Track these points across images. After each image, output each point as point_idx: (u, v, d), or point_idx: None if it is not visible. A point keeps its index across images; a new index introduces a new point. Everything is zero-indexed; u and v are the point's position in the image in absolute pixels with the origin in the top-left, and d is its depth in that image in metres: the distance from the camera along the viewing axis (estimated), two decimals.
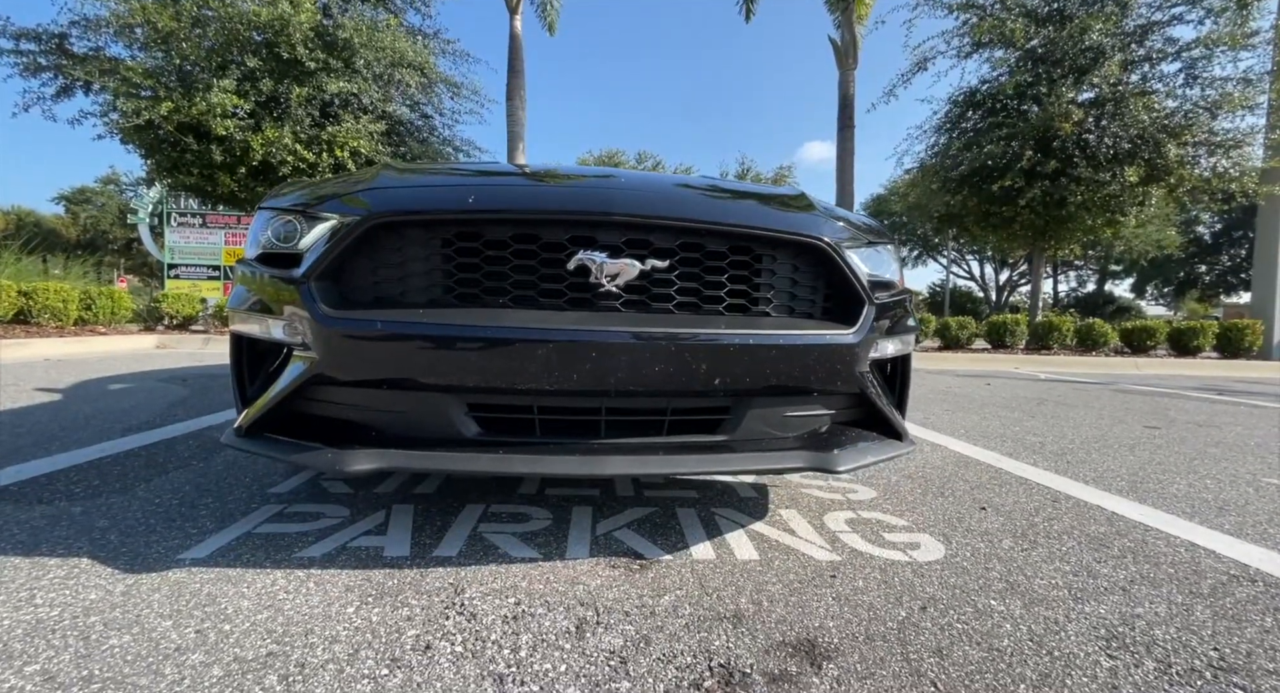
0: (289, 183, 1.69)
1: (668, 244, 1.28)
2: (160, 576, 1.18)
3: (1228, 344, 8.53)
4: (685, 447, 1.29)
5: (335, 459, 1.19)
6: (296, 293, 1.22)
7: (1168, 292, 46.61)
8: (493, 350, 1.18)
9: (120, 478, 1.79)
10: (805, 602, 1.14)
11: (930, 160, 8.85)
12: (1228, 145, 7.82)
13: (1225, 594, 1.24)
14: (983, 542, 1.49)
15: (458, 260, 1.26)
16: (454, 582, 1.19)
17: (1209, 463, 2.45)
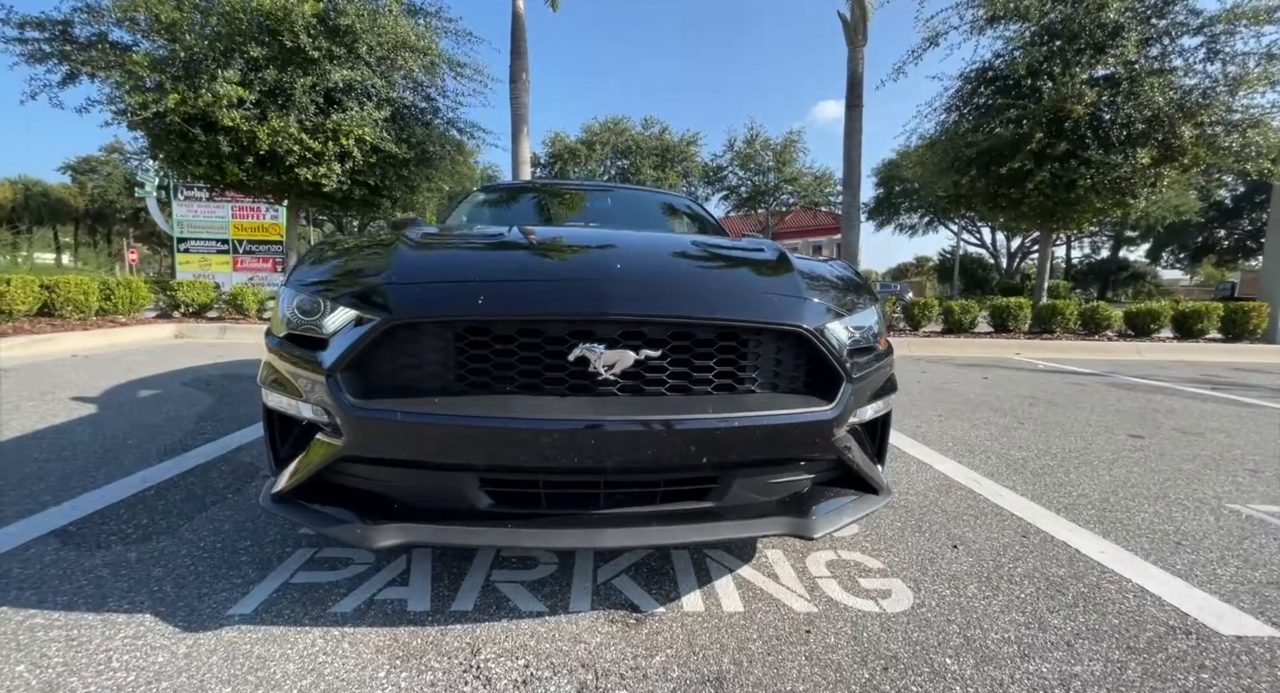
0: (310, 252, 1.79)
1: (659, 335, 1.38)
2: (215, 635, 1.35)
3: (1232, 327, 8.53)
4: (675, 516, 1.42)
5: (363, 535, 1.34)
6: (325, 384, 1.35)
7: (1183, 257, 45.88)
8: (502, 435, 1.31)
9: (165, 515, 1.96)
10: (781, 663, 1.30)
11: (940, 139, 8.70)
12: (1245, 125, 7.65)
13: (1159, 649, 1.38)
14: (949, 588, 1.63)
15: (470, 352, 1.37)
16: (470, 641, 1.35)
17: (1181, 484, 2.57)
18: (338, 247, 1.85)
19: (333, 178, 7.35)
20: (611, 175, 26.67)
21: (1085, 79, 7.21)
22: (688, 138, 26.00)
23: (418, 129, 7.96)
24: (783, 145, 25.79)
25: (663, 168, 25.55)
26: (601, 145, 25.15)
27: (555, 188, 3.90)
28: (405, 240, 1.75)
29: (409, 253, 1.60)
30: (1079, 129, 7.52)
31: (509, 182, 3.89)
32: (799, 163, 26.16)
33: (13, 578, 1.55)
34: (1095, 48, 7.56)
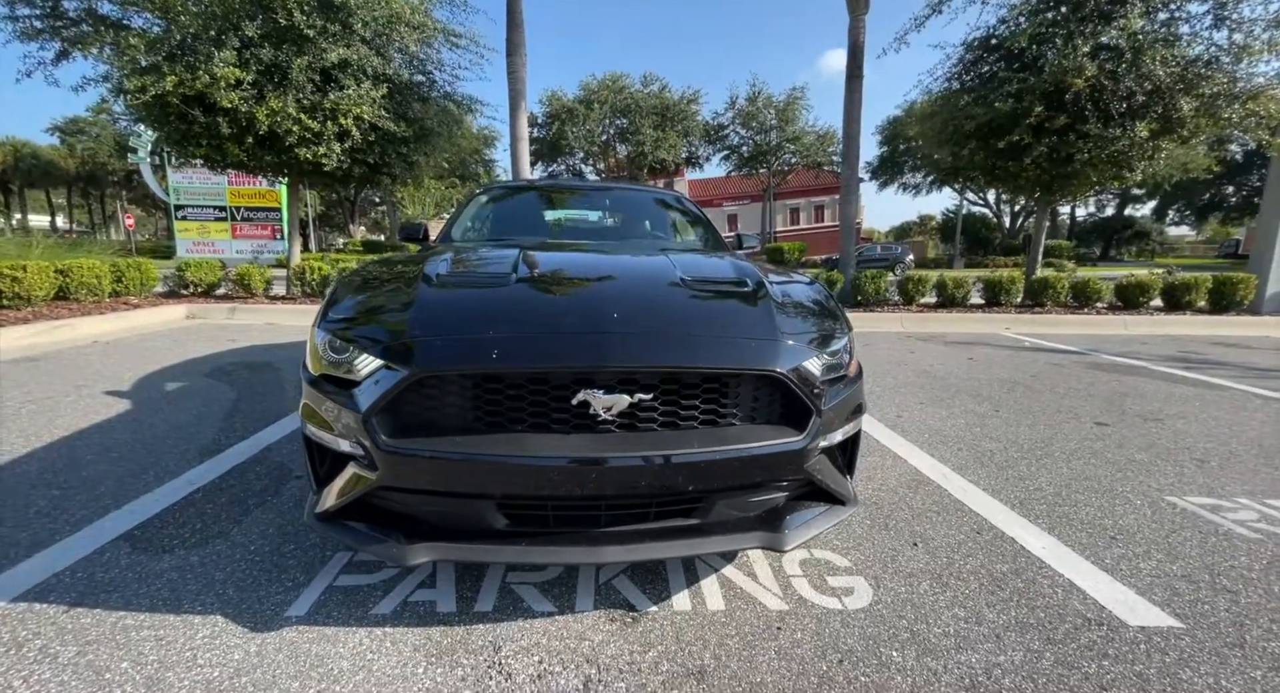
0: (341, 286, 1.98)
1: (651, 381, 1.58)
2: (278, 635, 1.60)
3: (1220, 298, 8.68)
4: (665, 533, 1.65)
5: (399, 553, 1.57)
6: (362, 425, 1.55)
7: (1189, 214, 45.51)
8: (517, 469, 1.52)
9: (215, 519, 2.21)
10: (754, 657, 1.56)
11: (941, 110, 8.63)
12: (1245, 96, 7.59)
13: (1073, 640, 1.64)
14: (905, 586, 1.89)
15: (486, 397, 1.58)
16: (492, 640, 1.61)
17: (1131, 476, 2.82)
18: (365, 279, 2.04)
19: (332, 157, 7.37)
20: (610, 135, 26.23)
21: (1087, 51, 7.11)
22: (688, 96, 25.43)
23: (415, 105, 7.91)
24: (785, 103, 25.26)
25: (662, 127, 25.10)
26: (600, 104, 24.63)
27: (555, 190, 4.01)
28: (425, 278, 1.94)
29: (429, 296, 1.79)
30: (1079, 102, 7.47)
31: (509, 182, 3.98)
32: (801, 121, 25.68)
33: (98, 582, 1.81)
34: (1101, 16, 7.43)
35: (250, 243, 23.15)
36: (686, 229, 3.51)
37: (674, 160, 26.05)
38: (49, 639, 1.55)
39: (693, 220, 3.60)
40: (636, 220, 3.58)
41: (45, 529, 2.11)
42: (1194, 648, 1.61)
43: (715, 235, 3.37)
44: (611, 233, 3.42)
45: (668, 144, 24.91)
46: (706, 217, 3.63)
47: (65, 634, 1.57)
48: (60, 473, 2.59)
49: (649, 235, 3.45)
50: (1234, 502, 2.57)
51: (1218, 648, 1.62)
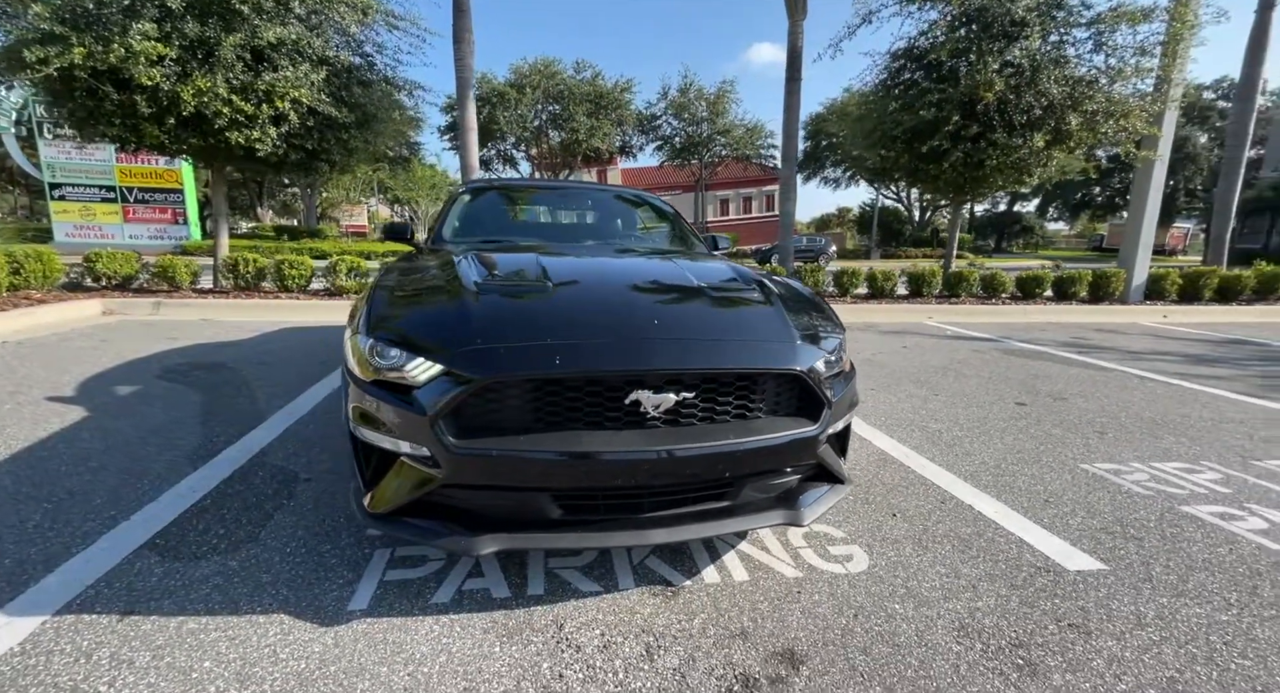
0: (379, 298, 2.04)
1: (694, 381, 1.79)
2: (349, 627, 1.69)
3: (1097, 290, 9.93)
4: (701, 515, 1.87)
5: (468, 545, 1.70)
6: (429, 429, 1.66)
7: (1065, 212, 50.86)
8: (574, 464, 1.68)
9: (236, 524, 2.21)
10: (784, 617, 1.81)
11: (870, 115, 9.27)
12: (1118, 114, 8.67)
13: (1030, 585, 2.01)
14: (893, 550, 2.21)
15: (546, 399, 1.73)
16: (554, 618, 1.78)
17: (1050, 448, 3.33)
18: (401, 285, 2.12)
19: (267, 142, 6.95)
20: (543, 121, 25.81)
21: (996, 67, 7.89)
22: (621, 85, 25.40)
23: (356, 89, 7.58)
24: (716, 96, 25.80)
25: (596, 115, 24.98)
26: (532, 89, 24.14)
27: (540, 190, 4.09)
28: (466, 285, 2.04)
29: (481, 304, 1.90)
30: (988, 113, 8.28)
31: (492, 180, 4.00)
32: (732, 114, 26.35)
33: (142, 591, 1.80)
34: (1005, 36, 8.24)
35: (146, 228, 21.12)
36: (669, 232, 3.71)
37: (608, 149, 26.05)
38: (116, 647, 1.57)
39: (673, 224, 3.81)
40: (624, 223, 3.74)
41: (55, 543, 2.04)
42: (1117, 584, 2.02)
43: (697, 237, 3.59)
44: (603, 235, 3.56)
45: (602, 132, 24.85)
46: (685, 220, 3.85)
47: (131, 641, 1.59)
48: (40, 486, 2.46)
49: (638, 238, 3.62)
50: (1130, 466, 3.11)
51: (1134, 583, 2.04)
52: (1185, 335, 8.10)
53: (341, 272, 7.72)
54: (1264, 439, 3.62)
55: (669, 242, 3.56)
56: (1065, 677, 1.58)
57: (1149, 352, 6.65)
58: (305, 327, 6.59)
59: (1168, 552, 2.25)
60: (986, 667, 1.62)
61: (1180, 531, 2.42)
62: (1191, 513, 2.58)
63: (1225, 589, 2.01)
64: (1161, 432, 3.70)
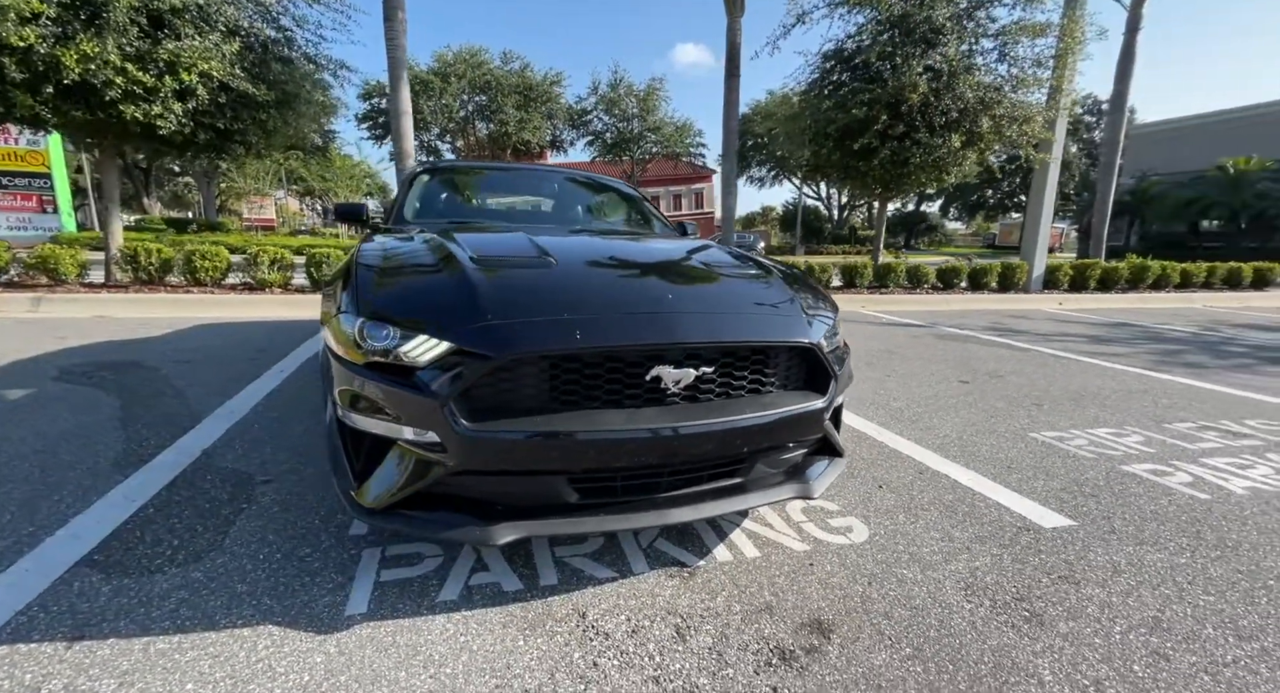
0: (369, 276, 1.85)
1: (713, 356, 1.75)
2: (351, 633, 1.53)
3: (1005, 281, 10.84)
4: (718, 492, 1.84)
5: (484, 534, 1.58)
6: (439, 412, 1.53)
7: (963, 212, 55.42)
8: (596, 444, 1.60)
9: (191, 533, 1.96)
10: (803, 589, 1.82)
11: (804, 113, 9.61)
12: (1020, 119, 9.46)
13: (1016, 543, 2.13)
14: (889, 519, 2.27)
15: (563, 377, 1.63)
16: (575, 607, 1.69)
17: (999, 420, 3.56)
18: (388, 262, 1.94)
19: (171, 119, 6.26)
20: (469, 112, 24.98)
21: (920, 71, 8.39)
22: (551, 77, 25.00)
23: (275, 66, 6.98)
24: (646, 92, 25.90)
25: (525, 108, 24.44)
26: (457, 78, 23.27)
27: (502, 171, 3.91)
28: (461, 260, 1.89)
29: (487, 279, 1.77)
30: (912, 114, 8.79)
31: (452, 162, 3.77)
32: (661, 111, 26.54)
33: (88, 613, 1.55)
34: (925, 41, 8.77)
35: (7, 217, 18.59)
36: (641, 217, 3.65)
37: (538, 143, 25.56)
38: (71, 677, 1.34)
39: (642, 209, 3.75)
40: (594, 207, 3.64)
41: None
42: (1089, 538, 2.18)
43: (666, 224, 3.56)
44: (575, 218, 3.45)
45: (532, 125, 24.34)
46: (653, 205, 3.80)
47: (89, 669, 1.36)
48: None
49: (612, 222, 3.54)
50: (1069, 433, 3.38)
51: (1101, 536, 2.20)
52: (1080, 319, 8.96)
53: (264, 264, 7.10)
54: (1167, 406, 4.04)
55: (643, 226, 3.50)
56: (1069, 625, 1.68)
57: (1056, 334, 7.30)
58: (227, 323, 6.00)
59: (1121, 506, 2.45)
60: (999, 621, 1.69)
61: (1125, 487, 2.64)
62: (1130, 471, 2.83)
63: (1175, 535, 2.22)
64: (1086, 403, 4.05)
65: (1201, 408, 4.02)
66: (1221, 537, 2.22)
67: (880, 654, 1.53)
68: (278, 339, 5.18)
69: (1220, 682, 1.47)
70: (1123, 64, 13.86)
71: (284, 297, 6.97)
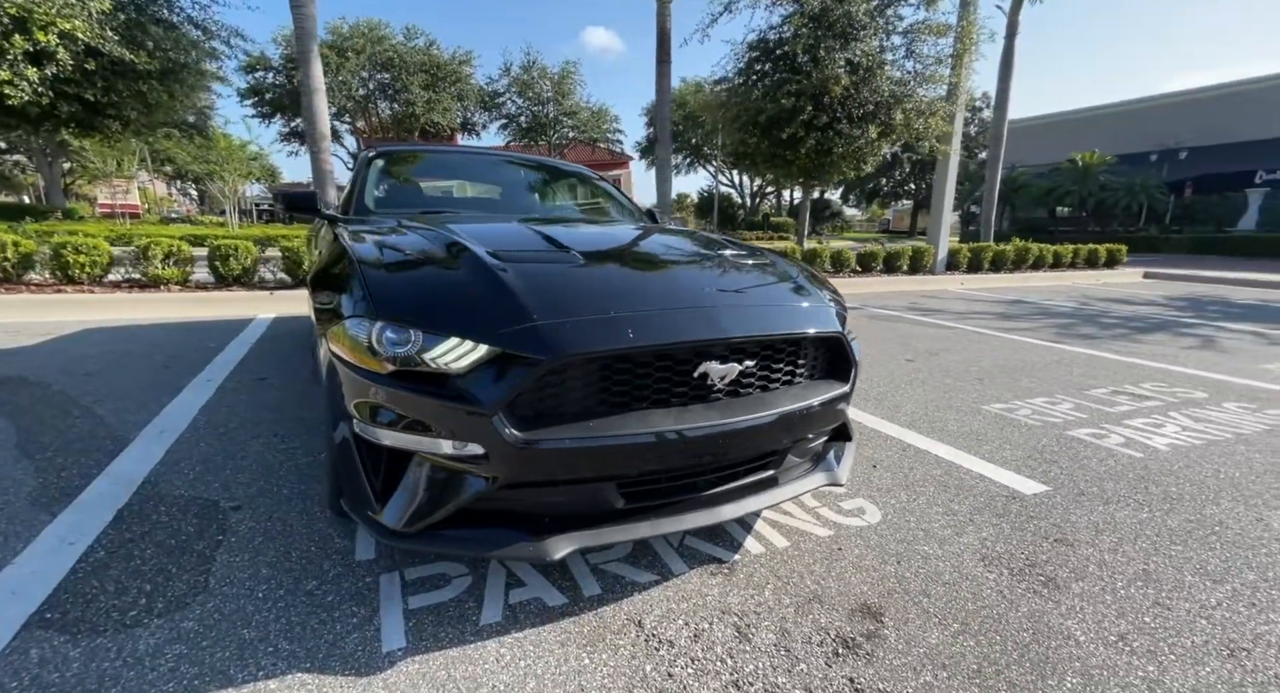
0: (375, 274, 1.64)
1: (754, 349, 1.73)
2: (398, 670, 1.38)
3: (915, 264, 11.67)
4: (756, 486, 1.84)
5: (538, 550, 1.48)
6: (486, 421, 1.40)
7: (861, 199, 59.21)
8: (651, 446, 1.53)
9: (166, 575, 1.69)
10: (841, 574, 1.85)
11: (733, 101, 9.77)
12: (926, 113, 10.16)
13: (1008, 511, 2.29)
14: (892, 498, 2.37)
15: (613, 377, 1.55)
16: (629, 616, 1.62)
17: (953, 395, 3.82)
18: (401, 265, 1.75)
19: (24, 87, 5.35)
20: (370, 90, 23.29)
21: (842, 64, 8.77)
22: (460, 56, 23.79)
23: (154, 28, 6.11)
24: (560, 76, 25.31)
25: (434, 88, 23.13)
26: (356, 53, 21.58)
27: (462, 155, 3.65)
28: (478, 256, 1.74)
29: (514, 279, 1.63)
30: (834, 106, 9.18)
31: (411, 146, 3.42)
32: (577, 96, 26.07)
33: (59, 685, 1.29)
34: (845, 37, 9.17)
35: None
36: (614, 205, 3.54)
37: (449, 125, 24.31)
38: None
39: (613, 197, 3.64)
40: (567, 195, 3.48)
41: None
42: (1065, 501, 2.38)
43: (641, 210, 3.48)
44: (549, 207, 3.29)
45: (441, 106, 23.09)
46: (623, 193, 3.70)
47: None
48: None
49: (591, 211, 3.40)
50: (1013, 404, 3.68)
51: (1074, 498, 2.41)
52: (983, 298, 9.81)
53: (156, 258, 6.25)
54: (1080, 375, 4.51)
55: (626, 214, 3.40)
56: (1079, 585, 1.82)
57: (969, 312, 7.95)
58: (120, 326, 5.25)
59: (1079, 469, 2.70)
60: (1021, 588, 1.80)
61: (1076, 451, 2.92)
62: (1074, 436, 3.13)
63: (1130, 493, 2.47)
64: (1017, 375, 4.43)
65: (1106, 375, 4.51)
66: (1165, 490, 2.50)
67: (933, 633, 1.59)
68: (191, 343, 4.60)
69: (1215, 624, 1.65)
70: (1004, 66, 15.19)
71: (186, 294, 6.19)
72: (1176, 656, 1.52)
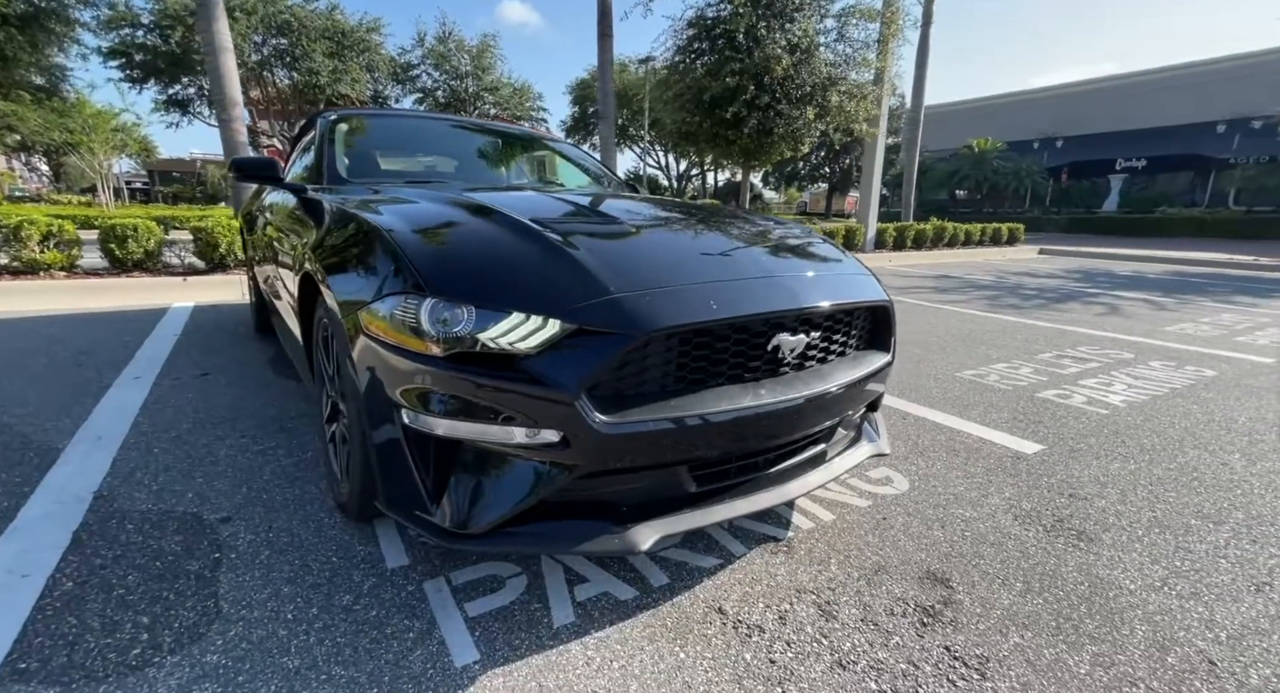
0: (414, 247, 1.42)
1: (820, 320, 1.66)
2: (481, 685, 1.23)
3: (848, 242, 12.17)
4: (813, 460, 1.79)
5: (624, 542, 1.36)
6: (569, 404, 1.25)
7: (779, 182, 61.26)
8: (729, 423, 1.44)
9: (165, 606, 1.42)
10: (897, 543, 1.85)
11: (674, 78, 9.66)
12: (858, 97, 10.52)
13: (1019, 471, 2.38)
14: (912, 465, 2.41)
15: (694, 353, 1.43)
16: (707, 603, 1.54)
17: (925, 365, 3.97)
18: (433, 232, 1.54)
19: None
20: (265, 56, 21.15)
21: (784, 44, 8.86)
22: (368, 23, 22.06)
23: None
24: (479, 49, 24.12)
25: (340, 56, 21.35)
26: (245, 13, 19.45)
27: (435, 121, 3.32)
28: (531, 229, 1.56)
29: (576, 250, 1.47)
30: (774, 85, 9.29)
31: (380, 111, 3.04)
32: (498, 71, 24.97)
33: None
34: (783, 17, 9.26)
35: None
36: (606, 178, 3.35)
37: (358, 98, 22.57)
38: None
39: (601, 168, 3.45)
40: (557, 168, 3.26)
41: None
42: (1064, 458, 2.52)
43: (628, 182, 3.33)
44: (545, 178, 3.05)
45: (349, 78, 21.37)
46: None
47: None
48: None
49: (583, 180, 3.19)
50: (981, 370, 3.88)
51: (1069, 454, 2.55)
52: (915, 274, 10.38)
53: (32, 240, 5.35)
54: (1025, 341, 4.84)
55: (620, 187, 3.23)
56: (1109, 535, 1.92)
57: (909, 287, 8.37)
58: (4, 319, 4.48)
59: (1061, 428, 2.87)
60: (1061, 543, 1.87)
61: (1052, 412, 3.10)
62: (1044, 398, 3.34)
63: (1112, 447, 2.65)
64: (973, 344, 4.69)
65: (1045, 341, 4.87)
66: (1140, 443, 2.70)
67: (1002, 594, 1.61)
68: (101, 338, 3.99)
69: (1233, 562, 1.79)
70: (920, 53, 15.96)
71: (75, 282, 5.37)
72: (1215, 595, 1.63)
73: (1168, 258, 14.25)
